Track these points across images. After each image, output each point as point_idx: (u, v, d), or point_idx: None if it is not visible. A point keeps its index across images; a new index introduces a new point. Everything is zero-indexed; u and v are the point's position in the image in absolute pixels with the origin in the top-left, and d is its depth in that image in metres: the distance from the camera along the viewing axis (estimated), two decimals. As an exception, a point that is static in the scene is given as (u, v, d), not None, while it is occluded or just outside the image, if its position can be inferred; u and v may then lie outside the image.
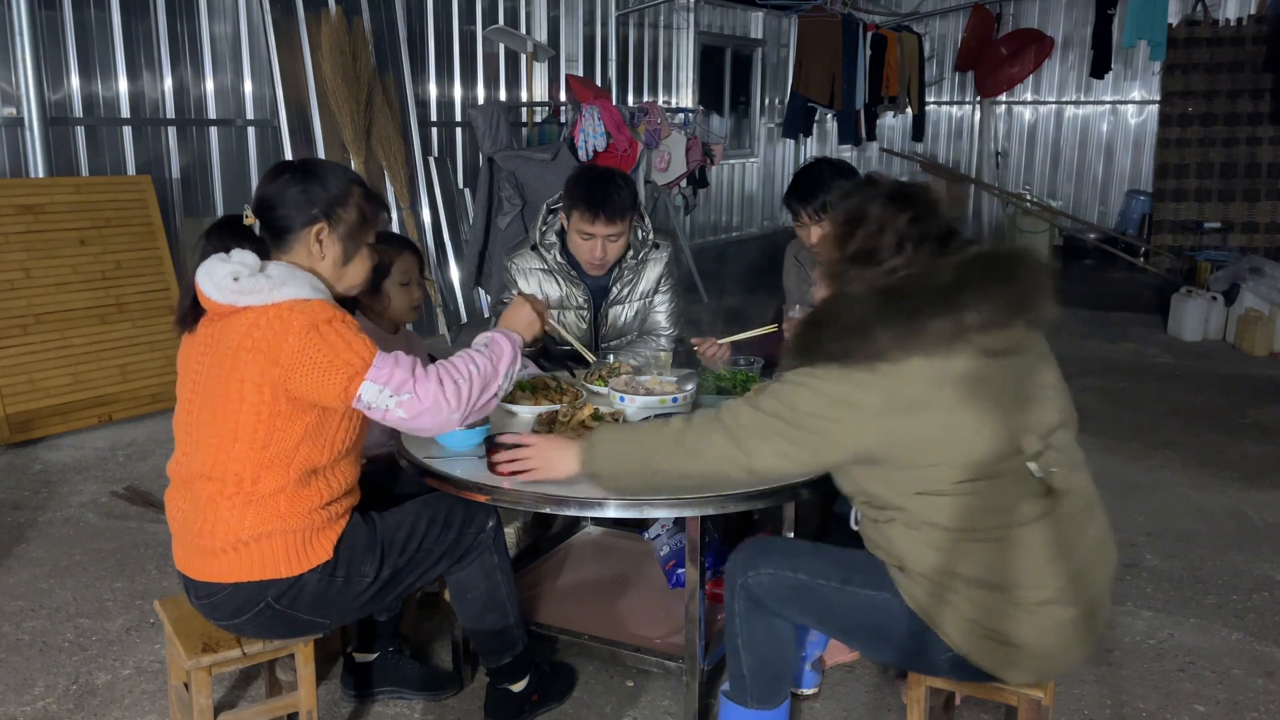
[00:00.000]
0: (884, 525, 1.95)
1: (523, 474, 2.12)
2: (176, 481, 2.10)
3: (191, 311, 2.04)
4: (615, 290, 3.26)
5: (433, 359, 2.46)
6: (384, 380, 1.93)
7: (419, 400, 1.95)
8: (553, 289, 3.25)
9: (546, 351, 3.16)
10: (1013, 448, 1.84)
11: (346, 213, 2.08)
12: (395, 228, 6.55)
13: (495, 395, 2.10)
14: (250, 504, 1.98)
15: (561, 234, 3.26)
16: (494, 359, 2.10)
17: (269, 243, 2.06)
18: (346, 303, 2.72)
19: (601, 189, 3.00)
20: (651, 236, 3.28)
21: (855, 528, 2.12)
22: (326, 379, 1.91)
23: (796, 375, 1.89)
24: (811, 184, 3.00)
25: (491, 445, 2.19)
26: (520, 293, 3.05)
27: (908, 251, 1.89)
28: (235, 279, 1.93)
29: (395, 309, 2.81)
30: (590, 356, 2.89)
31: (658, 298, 3.31)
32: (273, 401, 1.94)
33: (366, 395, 1.93)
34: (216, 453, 1.98)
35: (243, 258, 1.97)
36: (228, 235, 2.05)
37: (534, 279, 3.25)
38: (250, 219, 2.05)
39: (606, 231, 3.03)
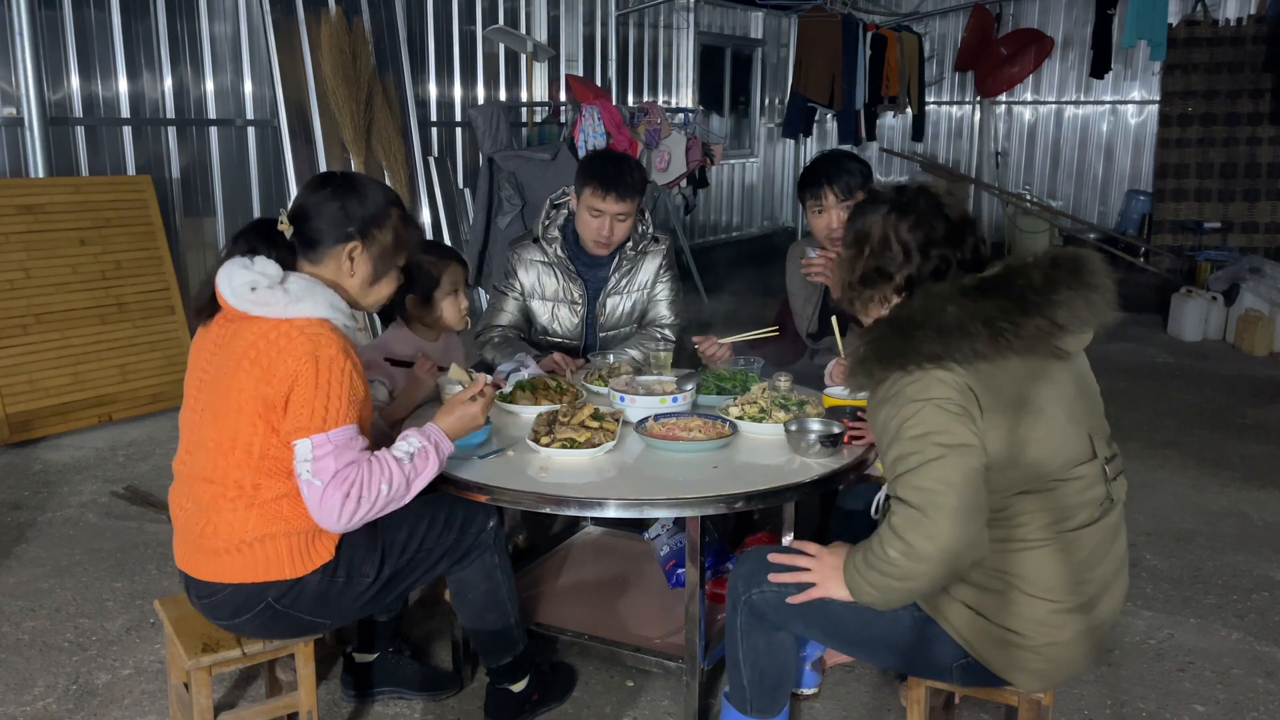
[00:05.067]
0: None
1: (806, 590, 1.99)
2: (180, 479, 2.11)
3: (209, 306, 2.06)
4: (614, 280, 3.28)
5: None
6: (318, 455, 1.92)
7: (320, 501, 1.94)
8: (550, 282, 3.28)
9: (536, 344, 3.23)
10: (1090, 451, 1.87)
11: (382, 234, 2.10)
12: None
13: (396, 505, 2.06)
14: (252, 508, 1.99)
15: (564, 229, 3.29)
16: (411, 477, 2.04)
17: (300, 251, 2.08)
18: (387, 310, 2.66)
19: (615, 167, 3.11)
20: (651, 230, 3.31)
21: (875, 516, 2.11)
22: (294, 410, 1.92)
23: (908, 418, 1.77)
24: (833, 165, 2.99)
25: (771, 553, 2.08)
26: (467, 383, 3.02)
27: (931, 259, 1.91)
28: (253, 289, 1.94)
29: (447, 319, 2.89)
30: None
31: (658, 288, 3.33)
32: (266, 415, 1.95)
33: (299, 449, 1.94)
34: (215, 457, 1.99)
35: (264, 267, 1.98)
36: (259, 239, 2.06)
37: (534, 270, 3.30)
38: (285, 225, 2.07)
39: (616, 209, 3.10)
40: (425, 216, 6.78)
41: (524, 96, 7.86)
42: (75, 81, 5.30)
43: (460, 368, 2.65)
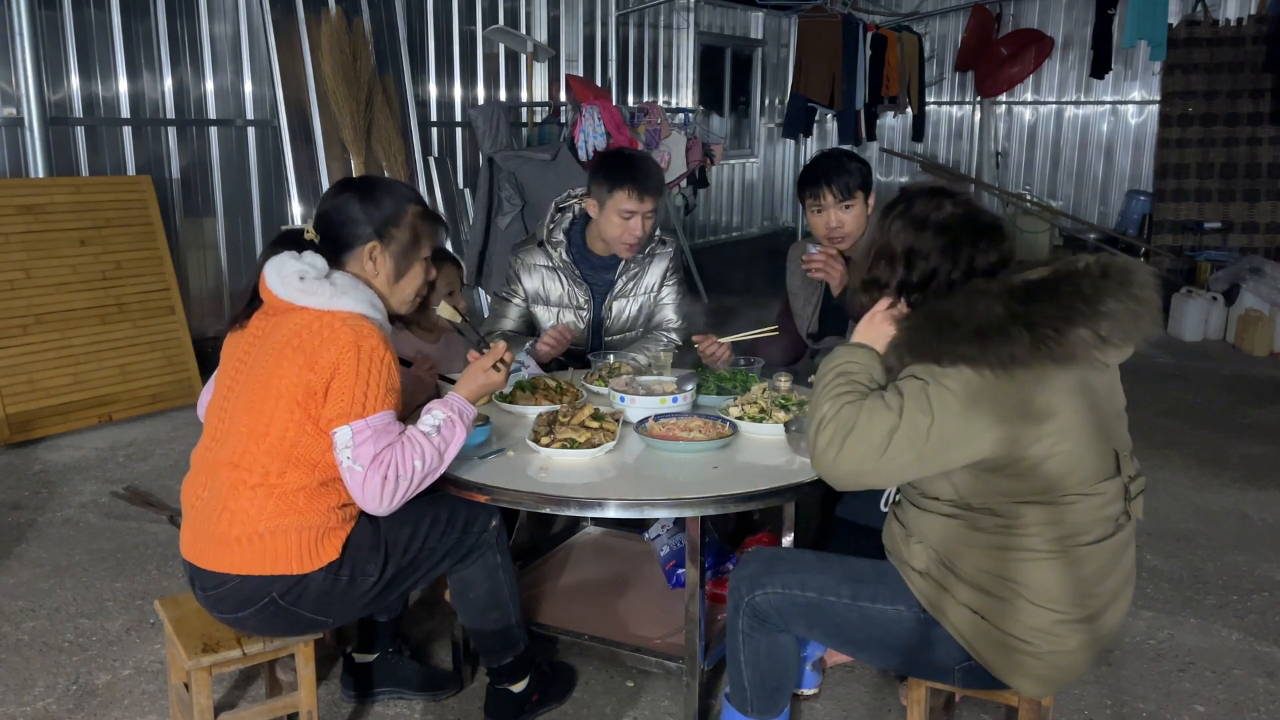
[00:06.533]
0: (939, 519, 1.91)
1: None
2: (199, 467, 2.14)
3: (246, 309, 2.13)
4: (620, 283, 3.27)
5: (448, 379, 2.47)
6: (358, 441, 1.98)
7: (362, 486, 2.00)
8: (554, 287, 3.26)
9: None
10: (1114, 468, 1.86)
11: (399, 232, 2.17)
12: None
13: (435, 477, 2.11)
14: (272, 496, 2.02)
15: (569, 233, 3.27)
16: (441, 447, 2.09)
17: (327, 257, 2.14)
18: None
19: (644, 168, 3.12)
20: (659, 233, 3.31)
21: (885, 509, 2.11)
22: (334, 397, 1.98)
23: (937, 380, 1.77)
24: (832, 164, 3.00)
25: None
26: (497, 340, 3.03)
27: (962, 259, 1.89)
28: (301, 278, 2.02)
29: (443, 320, 2.86)
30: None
31: (664, 291, 3.33)
32: (305, 403, 1.99)
33: (339, 437, 2.00)
34: (247, 442, 2.02)
35: (313, 260, 2.07)
36: (290, 247, 2.13)
37: (537, 275, 3.28)
38: (310, 234, 2.15)
39: (649, 208, 3.12)
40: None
41: (524, 96, 7.86)
42: (75, 81, 5.30)
43: (449, 306, 2.60)
